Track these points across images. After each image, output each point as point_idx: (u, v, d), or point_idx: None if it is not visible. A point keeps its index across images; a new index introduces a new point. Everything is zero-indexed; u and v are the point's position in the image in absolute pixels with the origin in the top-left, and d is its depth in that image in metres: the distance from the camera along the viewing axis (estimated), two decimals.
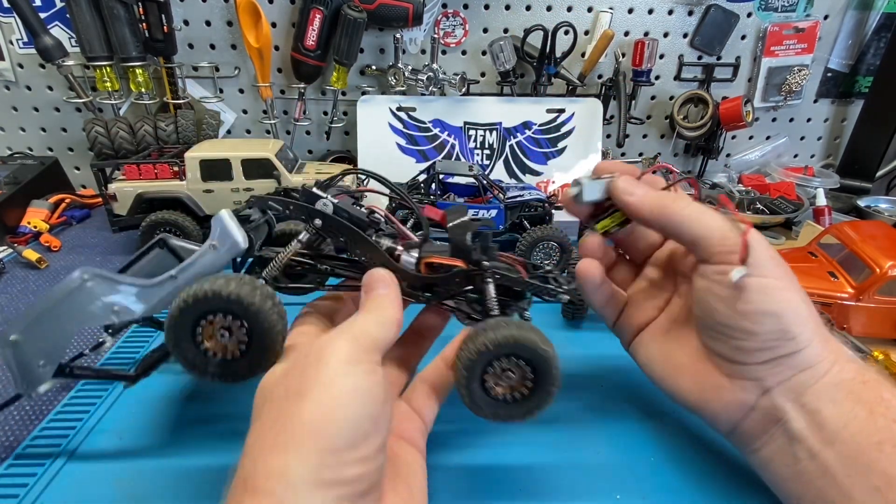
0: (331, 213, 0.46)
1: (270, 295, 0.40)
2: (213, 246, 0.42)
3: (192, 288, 0.39)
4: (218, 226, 0.42)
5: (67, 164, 1.32)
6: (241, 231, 0.43)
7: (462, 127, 1.28)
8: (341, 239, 0.47)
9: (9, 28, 1.20)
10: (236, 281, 0.39)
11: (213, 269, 0.43)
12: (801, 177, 1.30)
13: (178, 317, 0.39)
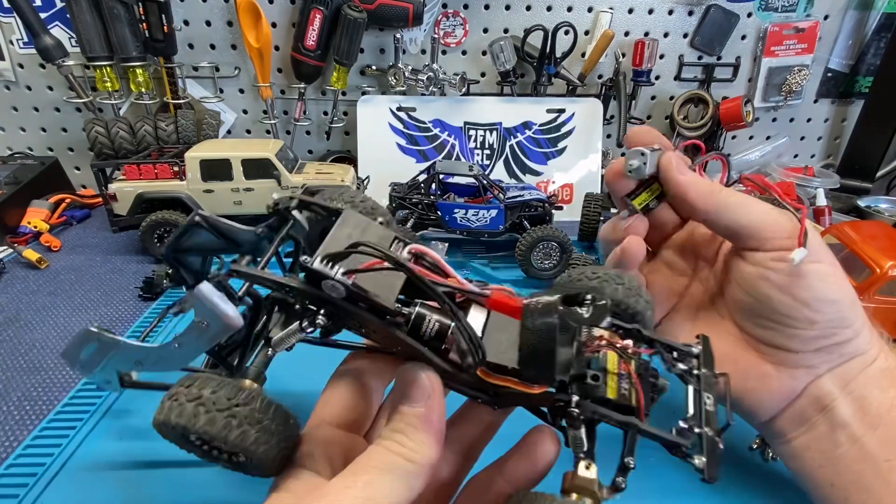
0: (342, 301, 0.32)
1: (255, 420, 0.31)
2: (200, 323, 0.34)
3: (162, 412, 0.32)
4: (199, 305, 0.34)
5: (67, 164, 1.32)
6: (227, 306, 0.34)
7: (462, 127, 1.28)
8: (362, 330, 0.35)
9: (9, 28, 1.20)
10: (206, 407, 0.31)
11: (211, 344, 0.36)
12: (802, 177, 1.30)
13: (164, 431, 0.34)
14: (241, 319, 0.34)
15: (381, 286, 0.33)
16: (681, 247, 0.52)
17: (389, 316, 0.33)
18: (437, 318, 0.33)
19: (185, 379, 0.33)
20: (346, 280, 0.31)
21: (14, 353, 0.74)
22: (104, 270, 0.97)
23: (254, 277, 0.36)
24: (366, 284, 0.32)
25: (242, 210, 1.00)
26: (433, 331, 0.33)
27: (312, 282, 0.32)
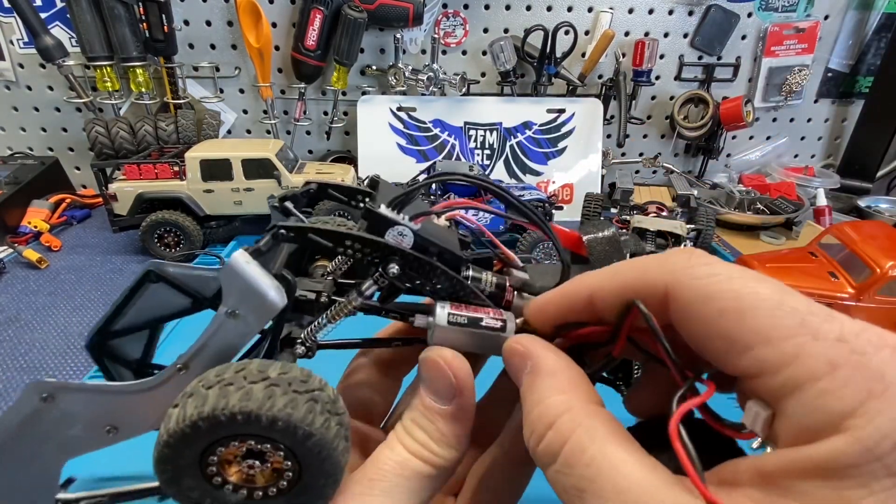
0: (411, 250, 0.29)
1: (335, 410, 0.26)
2: (231, 313, 0.27)
3: (204, 397, 0.24)
4: (234, 281, 0.27)
5: (68, 164, 1.32)
6: (270, 280, 0.27)
7: (462, 127, 1.28)
8: (427, 288, 0.31)
9: (9, 28, 1.20)
10: (283, 388, 0.25)
11: (241, 347, 0.29)
12: (802, 177, 1.30)
13: (178, 445, 0.25)
14: (283, 296, 0.28)
15: (442, 237, 0.31)
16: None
17: (458, 266, 0.31)
18: (492, 276, 0.32)
19: (221, 368, 0.26)
20: (414, 225, 0.29)
21: (14, 353, 0.74)
22: (104, 270, 0.97)
23: (307, 232, 0.29)
24: (430, 233, 0.30)
25: (242, 210, 1.00)
26: (492, 286, 0.32)
27: (375, 231, 0.29)
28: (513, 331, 0.30)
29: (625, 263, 0.26)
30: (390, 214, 0.29)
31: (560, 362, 0.26)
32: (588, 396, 0.24)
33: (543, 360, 0.26)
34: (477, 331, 0.29)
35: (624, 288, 0.25)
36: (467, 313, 0.30)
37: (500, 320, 0.30)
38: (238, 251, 0.27)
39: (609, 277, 0.26)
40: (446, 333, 0.29)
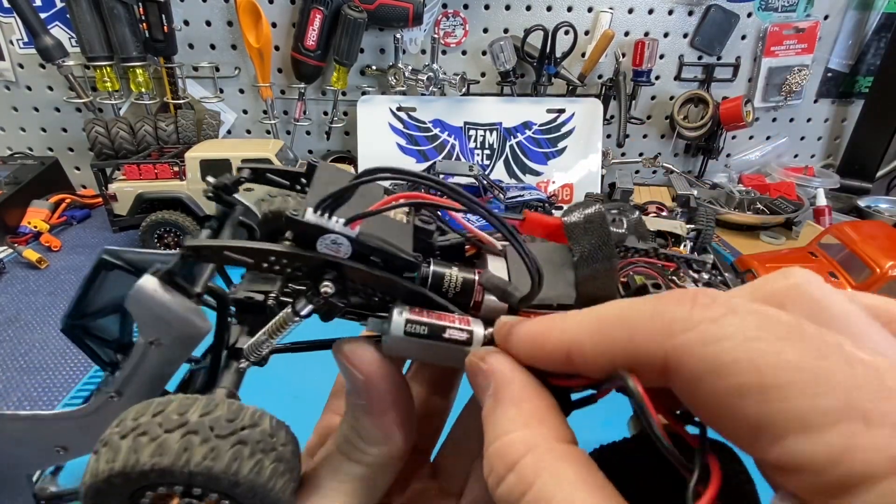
0: (348, 261, 0.25)
1: (270, 447, 0.24)
2: (152, 343, 0.25)
3: (116, 450, 0.22)
4: (143, 311, 0.24)
5: (67, 164, 1.32)
6: (185, 306, 0.25)
7: (462, 127, 1.28)
8: (375, 300, 0.27)
9: (9, 28, 1.20)
10: (202, 435, 0.22)
11: (172, 372, 0.27)
12: (802, 177, 1.30)
13: (98, 496, 0.23)
14: (207, 321, 0.25)
15: (389, 238, 0.26)
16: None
17: (409, 271, 0.26)
18: (458, 272, 0.28)
19: (139, 407, 0.23)
20: (350, 231, 0.25)
21: (14, 353, 0.74)
22: None
23: (219, 250, 0.25)
24: (371, 235, 0.26)
25: None
26: (458, 285, 0.27)
27: (303, 244, 0.25)
28: (480, 342, 0.26)
29: (610, 313, 0.20)
30: (318, 220, 0.24)
31: (527, 389, 0.22)
32: (557, 432, 0.21)
33: (507, 386, 0.22)
34: (438, 343, 0.25)
35: (609, 351, 0.19)
36: (429, 320, 0.25)
37: (465, 331, 0.26)
38: (145, 277, 0.24)
39: (590, 334, 0.20)
40: (402, 345, 0.25)
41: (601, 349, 0.20)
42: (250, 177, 0.31)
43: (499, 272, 0.28)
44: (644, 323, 0.18)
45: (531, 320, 0.23)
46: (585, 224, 0.27)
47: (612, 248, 0.26)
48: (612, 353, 0.19)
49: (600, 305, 0.21)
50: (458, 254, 0.30)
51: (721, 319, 0.17)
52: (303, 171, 0.31)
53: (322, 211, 0.24)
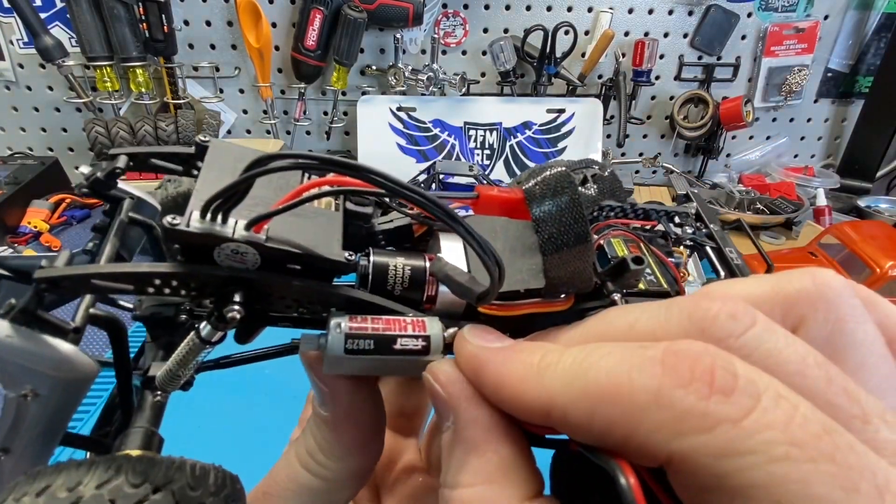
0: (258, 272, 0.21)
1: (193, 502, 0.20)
2: (25, 396, 0.21)
3: None
4: (11, 358, 0.20)
5: (67, 164, 1.32)
6: (54, 348, 0.20)
7: (462, 127, 1.28)
8: (302, 311, 0.23)
9: (9, 28, 1.20)
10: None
11: (63, 420, 0.22)
12: (802, 177, 1.30)
13: None
14: (91, 360, 0.21)
15: (311, 236, 0.22)
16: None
17: (340, 274, 0.22)
18: (404, 262, 0.23)
19: (21, 482, 0.19)
20: (255, 236, 0.20)
21: None
22: None
23: (83, 280, 0.20)
24: (286, 237, 0.21)
25: None
26: (405, 280, 0.23)
27: (196, 257, 0.20)
28: (440, 348, 0.22)
29: (603, 381, 0.16)
30: (208, 228, 0.19)
31: (492, 434, 0.19)
32: (523, 489, 0.18)
33: (470, 428, 0.19)
34: (388, 357, 0.21)
35: (600, 431, 0.16)
36: (375, 331, 0.21)
37: (420, 337, 0.21)
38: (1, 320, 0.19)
39: (577, 403, 0.16)
40: (346, 364, 0.21)
41: (590, 425, 0.16)
42: (128, 165, 0.25)
43: (454, 256, 0.24)
44: (647, 409, 0.15)
45: (501, 359, 0.19)
46: (549, 196, 0.22)
47: (584, 226, 0.22)
48: (603, 432, 0.16)
49: (588, 353, 0.17)
50: (405, 236, 0.26)
51: (744, 422, 0.14)
52: (192, 151, 0.25)
53: (213, 214, 0.19)
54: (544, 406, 0.17)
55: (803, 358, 0.16)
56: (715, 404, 0.14)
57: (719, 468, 0.14)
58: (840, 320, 0.17)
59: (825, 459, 0.13)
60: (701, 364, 0.15)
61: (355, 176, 0.19)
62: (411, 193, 0.19)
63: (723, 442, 0.14)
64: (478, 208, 0.23)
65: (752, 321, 0.16)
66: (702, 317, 0.17)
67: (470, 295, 0.21)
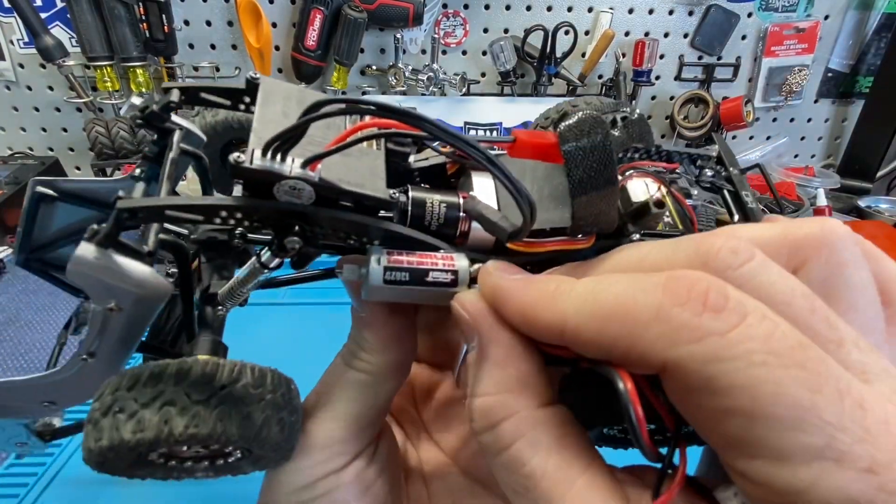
0: (313, 206, 0.23)
1: (256, 398, 0.23)
2: (110, 310, 0.23)
3: (100, 428, 0.22)
4: (91, 283, 0.22)
5: (68, 164, 1.32)
6: (135, 268, 0.22)
7: (462, 127, 1.28)
8: (350, 241, 0.25)
9: (9, 28, 1.20)
10: (180, 404, 0.22)
11: (139, 331, 0.25)
12: (802, 177, 1.30)
13: (101, 465, 0.23)
14: (165, 281, 0.23)
15: (358, 174, 0.24)
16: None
17: (385, 210, 0.24)
18: (440, 199, 0.25)
19: (114, 381, 0.23)
20: (310, 174, 0.22)
21: (14, 354, 0.74)
22: None
23: (158, 211, 0.22)
24: (337, 175, 0.23)
25: None
26: (441, 216, 0.25)
27: (257, 192, 0.22)
28: (466, 281, 0.24)
29: (611, 301, 0.18)
30: (269, 166, 0.21)
31: (512, 351, 0.22)
32: (539, 398, 0.21)
33: (492, 346, 0.22)
34: (420, 288, 0.24)
35: (606, 344, 0.19)
36: (409, 264, 0.23)
37: (450, 272, 0.24)
38: (81, 245, 0.21)
39: (587, 321, 0.19)
40: (383, 292, 0.24)
41: (598, 340, 0.19)
42: (181, 99, 0.27)
43: (486, 194, 0.26)
44: (648, 324, 0.17)
45: (521, 287, 0.22)
46: (581, 141, 0.23)
47: (613, 170, 0.23)
48: (609, 345, 0.19)
49: (599, 280, 0.20)
50: (440, 174, 0.28)
51: (730, 333, 0.16)
52: (243, 87, 0.27)
53: (273, 153, 0.21)
54: (558, 325, 0.20)
55: (792, 289, 0.18)
56: (707, 319, 0.17)
57: (706, 371, 0.16)
58: (839, 265, 0.20)
59: (796, 366, 0.16)
60: (697, 287, 0.17)
61: (400, 120, 0.21)
62: (452, 137, 0.21)
63: (711, 350, 0.16)
64: (514, 152, 0.24)
65: (750, 256, 0.19)
66: (706, 251, 0.19)
67: (501, 233, 0.24)
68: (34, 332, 0.79)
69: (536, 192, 0.25)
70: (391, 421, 0.36)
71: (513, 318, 0.22)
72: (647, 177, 0.27)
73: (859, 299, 0.20)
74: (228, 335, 0.31)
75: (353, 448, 0.29)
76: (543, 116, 0.34)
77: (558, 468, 0.19)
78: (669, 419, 0.19)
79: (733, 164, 0.33)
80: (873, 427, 0.15)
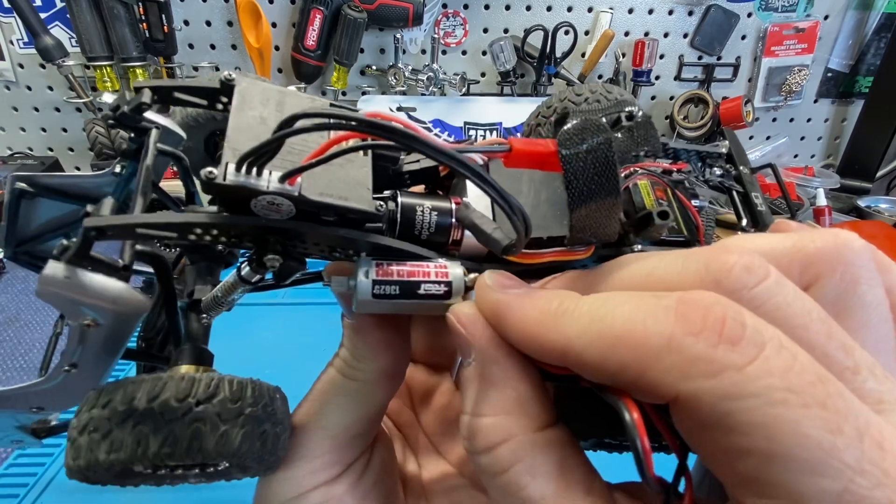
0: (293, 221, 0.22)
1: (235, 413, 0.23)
2: (87, 326, 0.23)
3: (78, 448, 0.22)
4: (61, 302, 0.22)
5: (68, 164, 1.32)
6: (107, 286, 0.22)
7: (462, 127, 1.28)
8: (335, 255, 0.24)
9: (9, 28, 1.20)
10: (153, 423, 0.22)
11: (120, 343, 0.25)
12: (802, 177, 1.30)
13: (87, 480, 0.23)
14: (141, 296, 0.22)
15: (342, 184, 0.22)
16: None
17: (371, 222, 0.23)
18: (431, 206, 0.24)
19: (92, 397, 0.22)
20: (289, 189, 0.20)
21: (14, 353, 0.74)
22: None
23: (128, 229, 0.21)
24: (319, 187, 0.21)
25: None
26: (431, 224, 0.24)
27: (233, 207, 0.21)
28: (461, 292, 0.23)
29: (618, 327, 0.17)
30: (244, 181, 0.20)
31: (509, 370, 0.21)
32: (538, 420, 0.20)
33: (489, 366, 0.21)
34: (412, 301, 0.23)
35: (613, 373, 0.17)
36: (400, 276, 0.22)
37: (442, 283, 0.23)
38: (49, 265, 0.20)
39: (593, 347, 0.18)
40: (373, 306, 0.23)
41: (604, 366, 0.18)
42: (153, 98, 0.25)
43: (480, 199, 0.25)
44: (659, 354, 0.16)
45: (521, 304, 0.20)
46: (581, 149, 0.22)
47: (615, 181, 0.22)
48: (615, 372, 0.17)
49: (605, 301, 0.18)
50: (432, 176, 0.26)
51: (747, 368, 0.15)
52: (217, 87, 0.25)
53: (248, 167, 0.20)
54: (561, 349, 0.19)
55: (808, 312, 0.17)
56: (723, 352, 0.15)
57: (722, 408, 0.15)
58: (854, 282, 0.19)
59: (816, 405, 0.15)
60: (712, 314, 0.16)
61: (383, 136, 0.19)
62: (440, 155, 0.20)
63: (727, 386, 0.15)
64: (509, 162, 0.23)
65: (765, 275, 0.17)
66: (718, 269, 0.18)
67: (496, 246, 0.23)
68: (34, 332, 0.79)
69: (534, 196, 0.24)
70: (388, 425, 0.36)
71: (512, 337, 0.21)
72: (651, 178, 0.25)
73: (872, 317, 0.19)
74: (224, 335, 0.31)
75: (344, 458, 0.28)
76: (534, 114, 0.32)
77: (556, 495, 0.19)
78: (676, 447, 0.18)
79: (744, 162, 0.32)
80: (892, 469, 0.15)
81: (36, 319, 0.82)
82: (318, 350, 0.34)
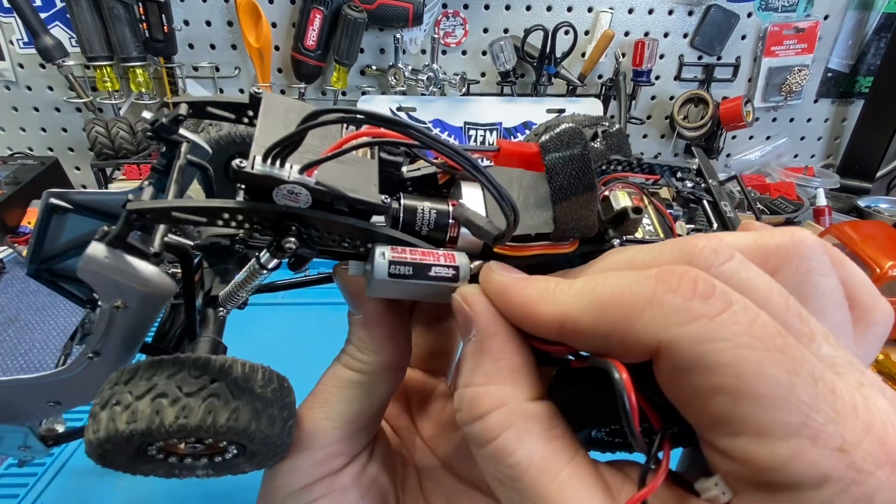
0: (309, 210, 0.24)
1: (244, 392, 0.24)
2: (116, 307, 0.25)
3: (98, 421, 0.23)
4: (99, 280, 0.23)
5: (68, 164, 1.32)
6: (142, 268, 0.24)
7: (462, 127, 1.28)
8: (344, 247, 0.26)
9: (9, 28, 1.20)
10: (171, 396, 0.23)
11: (144, 330, 0.27)
12: (802, 177, 1.30)
13: (101, 457, 0.24)
14: (170, 280, 0.24)
15: (352, 180, 0.25)
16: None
17: (377, 214, 0.25)
18: (430, 206, 0.27)
19: (114, 376, 0.24)
20: (307, 179, 0.23)
21: (14, 353, 0.74)
22: None
23: (166, 212, 0.24)
24: (332, 180, 0.24)
25: None
26: (431, 222, 0.27)
27: (258, 196, 0.24)
28: (467, 277, 0.25)
29: (608, 292, 0.20)
30: (269, 171, 0.23)
31: (507, 345, 0.23)
32: (529, 391, 0.22)
33: (490, 339, 0.23)
34: (424, 282, 0.25)
35: (604, 332, 0.20)
36: (413, 258, 0.25)
37: (451, 267, 0.25)
38: (92, 245, 0.23)
39: (586, 312, 0.20)
40: (388, 286, 0.25)
41: (596, 328, 0.20)
42: (189, 112, 0.29)
43: (474, 202, 0.28)
44: (643, 309, 0.19)
45: (523, 284, 0.23)
46: (561, 149, 0.25)
47: (591, 177, 0.25)
48: (606, 333, 0.20)
49: (595, 277, 0.21)
50: (431, 183, 0.30)
51: (718, 318, 0.18)
52: (247, 101, 0.29)
53: (272, 159, 0.23)
54: (558, 318, 0.21)
55: (769, 287, 0.20)
56: (696, 303, 0.18)
57: (696, 350, 0.18)
58: (809, 272, 0.21)
59: (776, 350, 0.17)
60: (688, 276, 0.19)
61: (392, 129, 0.22)
62: (440, 145, 0.22)
63: (700, 331, 0.18)
64: (498, 160, 0.26)
65: (730, 256, 0.20)
66: (689, 251, 0.21)
67: (488, 236, 0.25)
68: (34, 332, 0.79)
69: (522, 200, 0.27)
70: (386, 429, 0.36)
71: (514, 312, 0.23)
72: (629, 187, 0.28)
73: (827, 304, 0.21)
74: (229, 335, 0.33)
75: (349, 449, 0.29)
76: (533, 133, 0.36)
77: (544, 459, 0.20)
78: (656, 418, 0.20)
79: (712, 176, 0.35)
80: (843, 410, 0.17)
81: (36, 319, 0.82)
82: (318, 349, 0.35)
